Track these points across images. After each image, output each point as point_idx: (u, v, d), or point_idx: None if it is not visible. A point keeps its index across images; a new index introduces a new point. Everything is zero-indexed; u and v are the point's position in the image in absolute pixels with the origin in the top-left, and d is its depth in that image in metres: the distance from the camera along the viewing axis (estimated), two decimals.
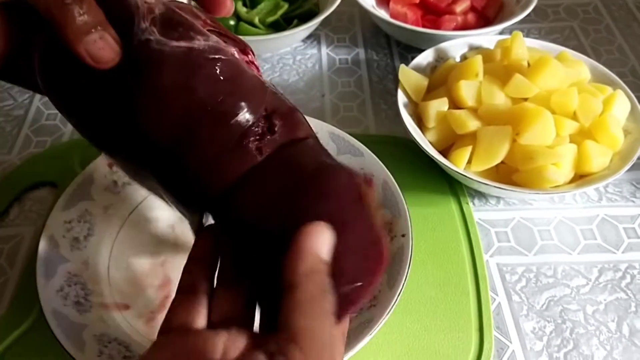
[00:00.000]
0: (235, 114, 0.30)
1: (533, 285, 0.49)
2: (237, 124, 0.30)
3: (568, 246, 0.51)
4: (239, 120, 0.30)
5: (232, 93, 0.30)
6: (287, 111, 0.32)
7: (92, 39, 0.30)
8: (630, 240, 0.52)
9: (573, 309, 0.47)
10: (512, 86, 0.53)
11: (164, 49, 0.29)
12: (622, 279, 0.49)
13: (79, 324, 0.40)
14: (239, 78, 0.30)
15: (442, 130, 0.54)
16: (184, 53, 0.29)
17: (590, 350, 0.45)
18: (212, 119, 0.29)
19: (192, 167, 0.30)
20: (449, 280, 0.48)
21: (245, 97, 0.30)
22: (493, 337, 0.45)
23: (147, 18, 0.30)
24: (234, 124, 0.30)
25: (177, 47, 0.29)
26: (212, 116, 0.29)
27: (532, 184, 0.49)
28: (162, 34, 0.30)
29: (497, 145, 0.50)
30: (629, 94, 0.55)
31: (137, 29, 0.30)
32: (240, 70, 0.31)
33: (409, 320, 0.46)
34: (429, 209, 0.54)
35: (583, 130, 0.52)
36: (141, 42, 0.29)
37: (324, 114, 0.64)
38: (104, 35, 0.30)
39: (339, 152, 0.52)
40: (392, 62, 0.71)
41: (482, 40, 0.63)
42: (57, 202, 0.47)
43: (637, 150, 0.51)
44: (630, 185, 0.56)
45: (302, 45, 0.74)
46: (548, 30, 0.75)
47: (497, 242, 0.52)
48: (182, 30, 0.30)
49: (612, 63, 0.70)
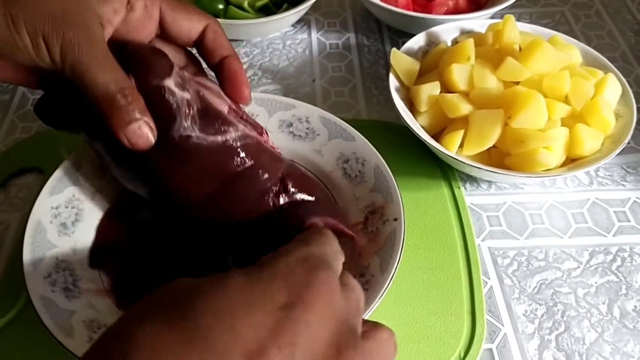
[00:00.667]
0: (259, 180, 0.40)
1: (525, 269, 0.49)
2: (260, 186, 0.41)
3: (559, 230, 0.51)
4: (262, 183, 0.41)
5: (256, 167, 0.40)
6: (298, 176, 0.43)
7: (132, 129, 0.36)
8: (621, 223, 0.52)
9: (564, 292, 0.47)
10: (504, 70, 0.52)
11: (203, 143, 0.39)
12: (612, 262, 0.49)
13: (67, 310, 0.39)
14: (261, 155, 0.41)
15: (434, 114, 0.54)
16: (221, 145, 0.39)
17: (581, 332, 0.45)
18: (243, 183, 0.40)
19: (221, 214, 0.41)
20: (441, 264, 0.48)
21: (265, 168, 0.41)
22: (485, 320, 0.45)
23: (187, 117, 0.38)
24: (258, 186, 0.41)
25: (214, 141, 0.39)
26: (243, 181, 0.40)
27: (523, 167, 0.49)
28: (201, 131, 0.39)
29: (488, 128, 0.50)
30: (620, 77, 0.55)
31: (179, 126, 0.38)
32: (262, 149, 0.42)
33: (401, 305, 0.45)
34: (420, 194, 0.54)
35: (575, 113, 0.52)
36: (182, 138, 0.38)
37: (314, 99, 0.63)
38: (142, 126, 0.36)
39: (330, 137, 0.52)
40: (383, 46, 0.70)
41: (473, 25, 0.62)
42: (44, 188, 0.46)
43: (628, 134, 0.51)
44: (620, 169, 0.57)
45: (292, 29, 0.73)
46: (539, 15, 0.75)
47: (489, 226, 0.52)
48: (217, 126, 0.39)
49: (603, 48, 0.70)
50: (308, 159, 0.52)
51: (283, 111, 0.54)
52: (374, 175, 0.48)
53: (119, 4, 0.38)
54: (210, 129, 0.39)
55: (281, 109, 0.54)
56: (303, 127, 0.53)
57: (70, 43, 0.35)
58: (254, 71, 0.67)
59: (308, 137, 0.53)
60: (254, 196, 0.40)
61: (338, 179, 0.50)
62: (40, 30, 0.34)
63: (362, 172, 0.49)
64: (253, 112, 0.54)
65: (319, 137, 0.52)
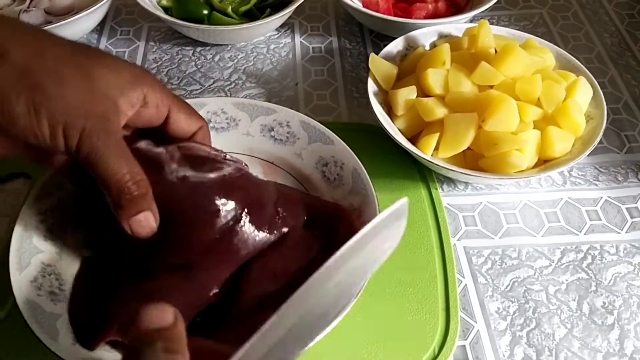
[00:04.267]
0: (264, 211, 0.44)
1: (498, 267, 0.50)
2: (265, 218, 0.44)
3: (532, 229, 0.53)
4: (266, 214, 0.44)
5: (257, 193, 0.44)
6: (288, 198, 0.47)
7: (138, 219, 0.37)
8: (592, 222, 0.54)
9: (536, 289, 0.49)
10: (478, 74, 0.54)
11: (204, 180, 0.41)
12: (583, 260, 0.51)
13: (53, 313, 0.41)
14: (257, 183, 0.45)
15: (411, 117, 0.55)
16: (222, 179, 0.42)
17: (551, 328, 0.46)
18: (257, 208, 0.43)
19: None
20: (417, 264, 0.50)
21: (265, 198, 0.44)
22: (459, 317, 0.46)
23: (173, 161, 0.41)
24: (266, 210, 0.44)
25: (214, 178, 0.42)
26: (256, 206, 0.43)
27: (497, 169, 0.51)
28: (195, 170, 0.41)
29: (463, 132, 0.51)
30: (592, 80, 0.57)
31: (169, 169, 0.41)
32: (253, 177, 0.45)
33: (378, 304, 0.47)
34: (399, 195, 0.55)
35: (546, 116, 0.53)
36: (179, 178, 0.41)
37: (297, 102, 0.65)
38: (148, 217, 0.38)
39: (310, 141, 0.53)
40: (364, 50, 0.72)
41: (451, 29, 0.64)
42: (31, 193, 0.47)
43: (598, 135, 0.52)
44: (594, 169, 0.58)
45: (276, 33, 0.74)
46: (517, 17, 0.77)
47: (465, 226, 0.53)
48: (209, 165, 0.42)
49: (579, 49, 0.71)
50: (289, 162, 0.54)
51: (264, 116, 0.55)
52: (351, 179, 0.50)
53: (137, 99, 0.40)
54: (204, 167, 0.42)
55: (262, 113, 0.55)
56: (284, 131, 0.55)
57: (89, 134, 0.36)
58: (238, 75, 0.68)
59: (289, 141, 0.54)
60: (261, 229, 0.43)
61: (317, 181, 0.52)
62: (61, 122, 0.35)
63: (340, 175, 0.51)
64: (235, 117, 0.55)
65: (299, 141, 0.54)
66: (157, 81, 0.42)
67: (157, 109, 0.42)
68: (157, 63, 0.69)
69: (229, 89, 0.66)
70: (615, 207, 0.55)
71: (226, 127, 0.55)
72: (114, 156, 0.37)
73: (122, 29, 0.75)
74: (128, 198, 0.37)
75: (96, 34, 0.74)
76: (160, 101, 0.42)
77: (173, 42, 0.72)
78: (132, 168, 0.38)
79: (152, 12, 0.67)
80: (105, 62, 0.39)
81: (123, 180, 0.37)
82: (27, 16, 0.66)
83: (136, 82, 0.40)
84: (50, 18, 0.68)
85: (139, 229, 0.38)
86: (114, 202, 0.37)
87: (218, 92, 0.66)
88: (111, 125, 0.37)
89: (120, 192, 0.37)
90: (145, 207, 0.38)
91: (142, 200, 0.38)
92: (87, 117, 0.36)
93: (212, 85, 0.67)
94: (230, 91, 0.66)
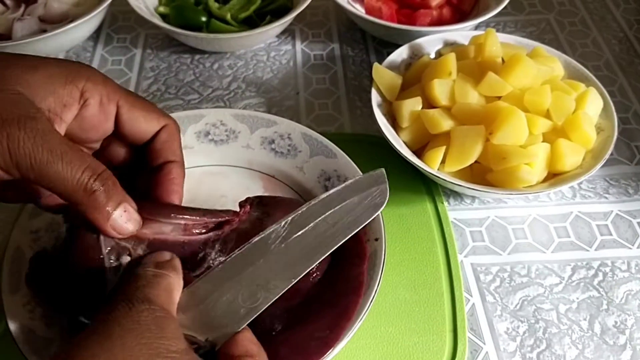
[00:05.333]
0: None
1: (507, 285, 0.49)
2: None
3: (542, 244, 0.51)
4: None
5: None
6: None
7: (118, 215, 0.33)
8: (603, 237, 0.52)
9: (546, 309, 0.47)
10: (485, 85, 0.52)
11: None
12: (594, 277, 0.49)
13: (46, 338, 0.39)
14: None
15: (416, 129, 0.53)
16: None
17: (562, 349, 0.45)
18: None
19: None
20: (423, 282, 0.48)
21: None
22: (467, 338, 0.45)
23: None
24: None
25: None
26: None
27: (505, 183, 0.49)
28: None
29: (470, 145, 0.50)
30: (602, 90, 0.55)
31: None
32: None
33: (383, 324, 0.45)
34: (404, 209, 0.53)
35: (556, 128, 0.52)
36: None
37: (298, 112, 0.63)
38: (127, 208, 0.34)
39: (312, 154, 0.52)
40: (367, 57, 0.70)
41: (457, 36, 0.62)
42: (24, 211, 0.46)
43: (609, 148, 0.51)
44: (603, 182, 0.57)
45: (277, 40, 0.72)
46: (524, 24, 0.75)
47: (472, 241, 0.52)
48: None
49: (587, 56, 0.70)
50: (290, 176, 0.52)
51: (265, 128, 0.54)
52: None
53: (70, 97, 0.34)
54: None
55: (263, 125, 0.54)
56: (285, 143, 0.53)
57: (18, 141, 0.29)
58: (237, 84, 0.66)
59: (290, 154, 0.53)
60: None
61: None
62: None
63: None
64: (235, 129, 0.54)
65: (300, 154, 0.52)
66: (98, 73, 0.35)
67: (102, 108, 0.35)
68: (155, 71, 0.68)
69: (228, 99, 0.65)
70: (627, 221, 0.53)
71: (225, 140, 0.54)
72: (60, 157, 0.30)
73: (118, 37, 0.73)
74: (95, 197, 0.32)
75: (92, 41, 0.72)
76: (105, 97, 0.35)
77: (171, 50, 0.71)
78: (86, 162, 0.32)
79: (149, 19, 0.65)
80: (17, 62, 0.32)
81: (81, 181, 0.31)
82: (21, 24, 0.64)
83: (67, 78, 0.33)
84: (44, 26, 0.66)
85: (123, 227, 0.34)
86: (81, 207, 0.32)
87: (217, 102, 0.64)
88: (40, 123, 0.30)
89: (85, 195, 0.31)
90: (119, 199, 0.33)
91: (113, 193, 0.33)
92: (10, 123, 0.29)
93: (210, 94, 0.65)
94: (229, 100, 0.64)
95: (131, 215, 0.34)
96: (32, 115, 0.30)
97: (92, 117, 0.35)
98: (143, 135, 0.39)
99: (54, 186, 0.31)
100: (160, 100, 0.64)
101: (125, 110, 0.37)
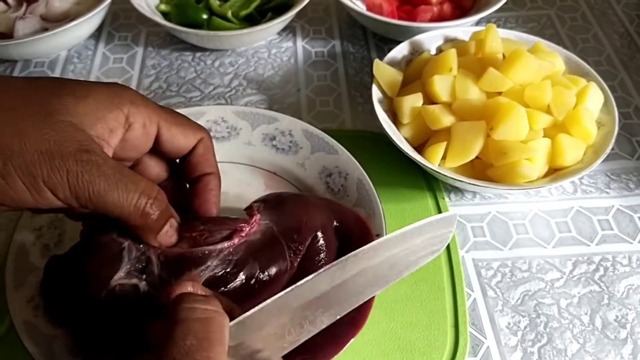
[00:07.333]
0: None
1: (508, 280, 0.49)
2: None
3: (543, 239, 0.52)
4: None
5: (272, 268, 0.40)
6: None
7: (164, 232, 0.36)
8: (604, 232, 0.52)
9: (547, 303, 0.47)
10: (486, 80, 0.52)
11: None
12: (595, 272, 0.49)
13: (49, 334, 0.39)
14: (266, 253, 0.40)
15: (417, 125, 0.54)
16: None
17: (563, 344, 0.45)
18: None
19: None
20: (424, 277, 0.48)
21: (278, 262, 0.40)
22: (468, 333, 0.45)
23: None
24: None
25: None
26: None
27: (506, 179, 0.49)
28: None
29: (471, 140, 0.50)
30: (603, 85, 0.55)
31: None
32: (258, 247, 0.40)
33: (385, 319, 0.46)
34: (405, 205, 0.54)
35: (557, 123, 0.52)
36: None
37: (299, 109, 0.63)
38: (172, 224, 0.36)
39: (313, 150, 0.52)
40: (368, 54, 0.70)
41: (457, 32, 0.62)
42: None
43: (610, 143, 0.51)
44: (605, 177, 0.57)
45: (278, 38, 0.72)
46: (525, 19, 0.75)
47: (473, 237, 0.52)
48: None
49: (588, 51, 0.70)
50: (291, 172, 0.52)
51: (266, 124, 0.54)
52: (356, 190, 0.48)
53: (116, 122, 0.35)
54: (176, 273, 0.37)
55: (264, 122, 0.54)
56: (286, 140, 0.53)
57: (77, 175, 0.31)
58: (239, 81, 0.66)
59: (291, 151, 0.53)
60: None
61: (321, 193, 0.50)
62: (39, 175, 0.30)
63: (345, 186, 0.49)
64: (236, 126, 0.54)
65: (302, 151, 0.52)
66: (138, 96, 0.36)
67: (145, 129, 0.36)
68: (156, 69, 0.68)
69: (229, 96, 0.65)
70: (628, 216, 0.53)
71: (227, 137, 0.54)
72: (115, 185, 0.32)
73: (120, 35, 0.73)
74: (151, 220, 0.34)
75: (93, 40, 0.72)
76: (147, 119, 0.36)
77: (172, 48, 0.71)
78: (141, 187, 0.34)
79: (150, 17, 0.66)
80: (67, 91, 0.33)
81: (138, 206, 0.33)
82: (23, 23, 0.65)
83: (112, 103, 0.34)
84: (46, 24, 0.67)
85: (167, 241, 0.36)
86: (138, 229, 0.35)
87: (218, 99, 0.64)
88: (94, 155, 0.32)
89: (143, 221, 0.34)
90: (168, 216, 0.36)
91: (165, 213, 0.35)
92: (64, 159, 0.31)
93: (212, 91, 0.65)
94: (230, 98, 0.65)
95: (175, 230, 0.36)
96: (87, 148, 0.32)
97: (135, 139, 0.36)
98: (182, 151, 0.39)
99: (111, 212, 0.33)
100: (161, 98, 0.64)
101: (165, 130, 0.38)
